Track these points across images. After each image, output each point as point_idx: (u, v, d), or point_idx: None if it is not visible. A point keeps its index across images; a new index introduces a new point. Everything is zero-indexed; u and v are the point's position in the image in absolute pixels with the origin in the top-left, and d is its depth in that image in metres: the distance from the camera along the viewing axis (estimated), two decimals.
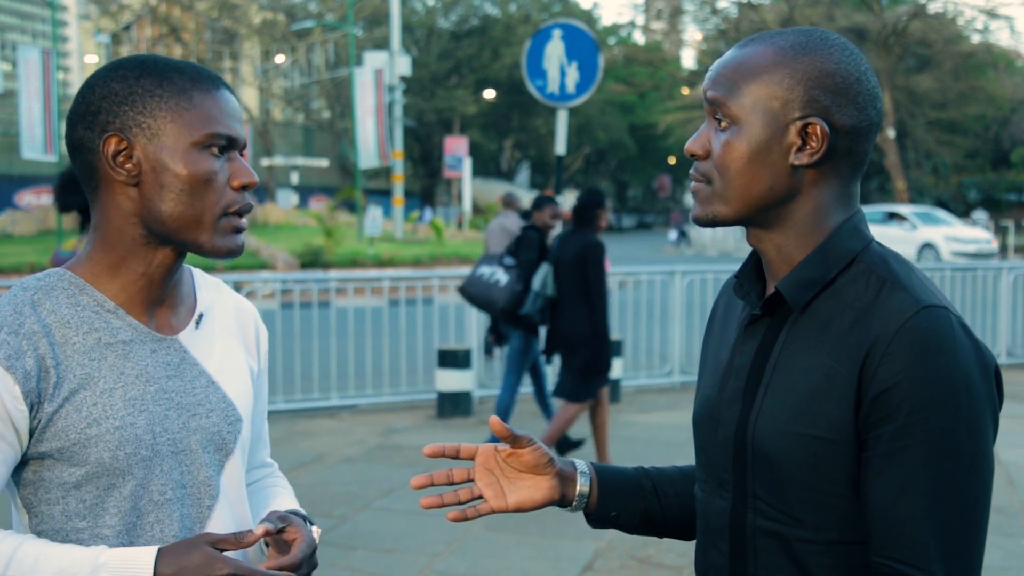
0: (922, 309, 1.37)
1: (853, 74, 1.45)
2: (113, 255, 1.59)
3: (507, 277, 7.32)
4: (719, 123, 1.49)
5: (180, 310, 1.67)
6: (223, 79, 1.63)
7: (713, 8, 42.84)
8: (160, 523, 1.58)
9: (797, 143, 1.44)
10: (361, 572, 5.16)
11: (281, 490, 1.86)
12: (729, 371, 1.55)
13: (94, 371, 1.55)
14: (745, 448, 1.49)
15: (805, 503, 1.43)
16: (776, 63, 1.45)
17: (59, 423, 1.52)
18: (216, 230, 1.58)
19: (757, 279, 1.56)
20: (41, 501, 1.55)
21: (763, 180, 1.46)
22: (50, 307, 1.55)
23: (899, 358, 1.35)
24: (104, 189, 1.58)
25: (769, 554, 1.48)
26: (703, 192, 1.51)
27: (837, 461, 1.40)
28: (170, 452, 1.59)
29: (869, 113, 1.46)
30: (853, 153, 1.47)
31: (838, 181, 1.48)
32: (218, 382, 1.67)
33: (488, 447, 1.66)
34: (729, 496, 1.52)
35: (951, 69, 38.63)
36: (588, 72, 8.82)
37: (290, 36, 47.94)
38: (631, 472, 1.74)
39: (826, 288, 1.46)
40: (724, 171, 1.47)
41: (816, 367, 1.42)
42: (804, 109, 1.44)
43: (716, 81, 1.49)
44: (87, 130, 1.56)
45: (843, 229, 1.47)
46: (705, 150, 1.50)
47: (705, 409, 1.59)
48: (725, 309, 1.66)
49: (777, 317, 1.50)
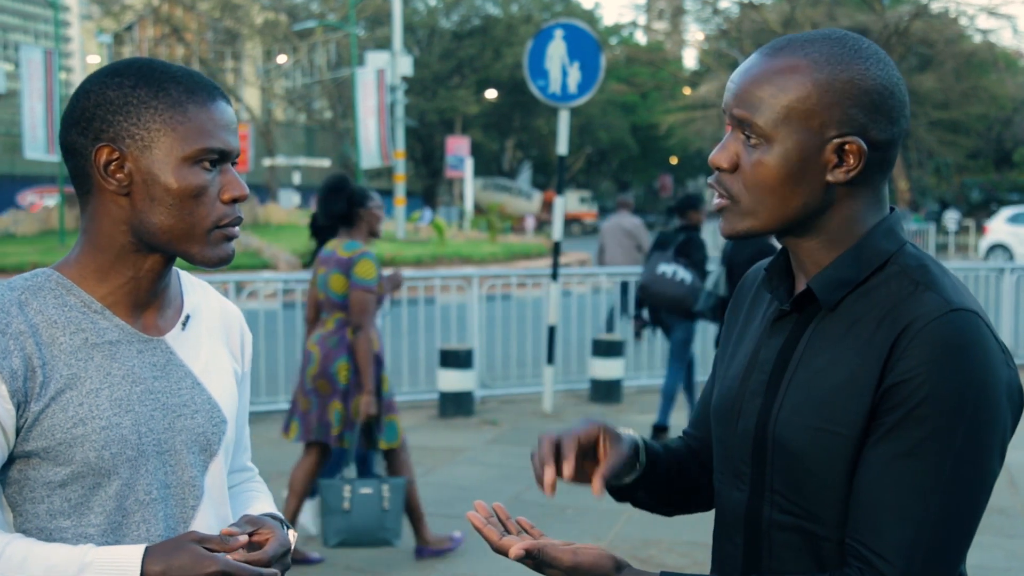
0: (951, 311, 1.36)
1: (888, 88, 1.42)
2: (102, 259, 1.60)
3: (690, 276, 7.58)
4: (748, 139, 1.45)
5: (167, 311, 1.68)
6: (220, 88, 1.63)
7: (715, 8, 42.81)
8: (145, 522, 1.59)
9: (833, 160, 1.42)
10: (363, 572, 5.16)
11: (260, 495, 1.87)
12: (753, 364, 1.54)
13: (80, 371, 1.56)
14: (765, 441, 1.48)
15: (821, 499, 1.43)
16: (811, 78, 1.41)
17: (45, 422, 1.52)
18: (207, 242, 1.59)
19: (786, 274, 1.55)
20: (26, 499, 1.56)
21: (797, 197, 1.43)
22: (37, 307, 1.56)
23: (918, 354, 1.34)
24: (95, 195, 1.58)
25: (783, 548, 1.48)
26: (732, 210, 1.48)
27: (851, 457, 1.40)
28: (155, 452, 1.60)
29: (901, 123, 1.44)
30: (885, 162, 1.46)
31: (871, 190, 1.46)
32: (203, 383, 1.68)
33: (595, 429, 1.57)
34: (746, 488, 1.52)
35: (953, 69, 38.59)
36: (590, 72, 8.82)
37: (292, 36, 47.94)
38: (664, 457, 1.71)
39: (857, 288, 1.45)
40: (755, 189, 1.44)
41: (841, 364, 1.42)
42: (841, 127, 1.40)
43: (743, 98, 1.44)
44: (80, 135, 1.56)
45: (878, 230, 1.46)
46: (732, 163, 1.46)
47: (726, 401, 1.58)
48: (752, 302, 1.65)
49: (806, 314, 1.49)
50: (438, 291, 10.17)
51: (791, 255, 1.53)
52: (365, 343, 5.03)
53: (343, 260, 5.09)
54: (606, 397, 9.40)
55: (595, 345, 9.54)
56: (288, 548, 1.63)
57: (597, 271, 11.53)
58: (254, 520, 1.62)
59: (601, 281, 11.98)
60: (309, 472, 5.27)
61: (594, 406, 9.28)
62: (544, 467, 1.50)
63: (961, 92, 39.87)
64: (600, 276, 11.46)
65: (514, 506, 6.23)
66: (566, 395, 9.73)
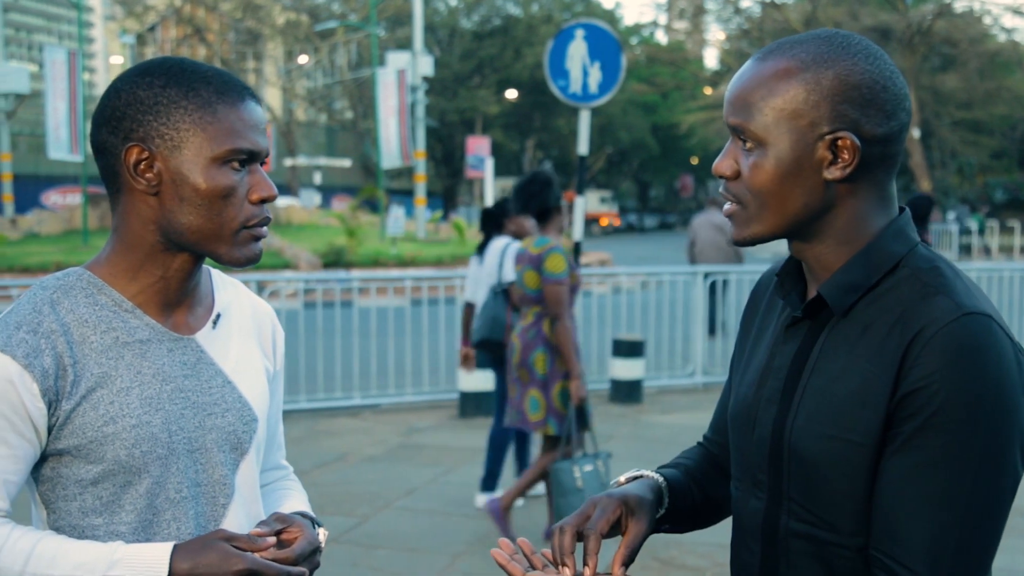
0: (963, 315, 1.34)
1: (879, 81, 1.41)
2: (132, 258, 1.61)
3: None
4: (744, 143, 1.45)
5: (197, 310, 1.68)
6: (250, 89, 1.63)
7: (736, 7, 42.70)
8: (176, 521, 1.60)
9: (828, 157, 1.41)
10: (383, 571, 5.17)
11: (293, 493, 1.87)
12: (768, 371, 1.53)
13: (111, 369, 1.56)
14: (781, 449, 1.47)
15: (837, 507, 1.42)
16: (797, 78, 1.41)
17: (76, 421, 1.53)
18: (235, 243, 1.59)
19: (798, 279, 1.54)
20: (59, 497, 1.58)
21: (797, 198, 1.43)
22: (68, 306, 1.57)
23: (932, 360, 1.32)
24: (125, 194, 1.59)
25: (800, 556, 1.47)
26: (739, 215, 1.48)
27: (866, 465, 1.38)
28: (186, 451, 1.61)
29: (899, 116, 1.42)
30: (886, 158, 1.44)
31: (874, 188, 1.45)
32: (234, 382, 1.68)
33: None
34: (764, 496, 1.51)
35: (977, 68, 38.32)
36: (611, 72, 8.80)
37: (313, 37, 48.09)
38: (687, 488, 1.71)
39: (869, 292, 1.43)
40: (756, 193, 1.44)
41: (854, 371, 1.40)
42: (832, 124, 1.40)
43: (735, 105, 1.45)
44: (111, 134, 1.57)
45: (887, 232, 1.45)
46: (733, 171, 1.47)
47: (742, 408, 1.57)
48: (767, 306, 1.64)
49: (818, 320, 1.48)
50: (458, 291, 10.17)
51: (802, 261, 1.52)
52: (564, 332, 5.33)
53: (534, 257, 5.37)
54: (626, 397, 9.38)
55: (615, 345, 9.52)
56: (318, 546, 1.63)
57: (618, 271, 11.51)
58: (283, 518, 1.63)
59: (621, 281, 11.96)
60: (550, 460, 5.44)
61: (615, 406, 9.26)
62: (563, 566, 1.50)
63: (985, 91, 39.60)
64: (620, 276, 11.44)
65: (534, 507, 6.23)
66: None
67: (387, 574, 5.14)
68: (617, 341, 9.54)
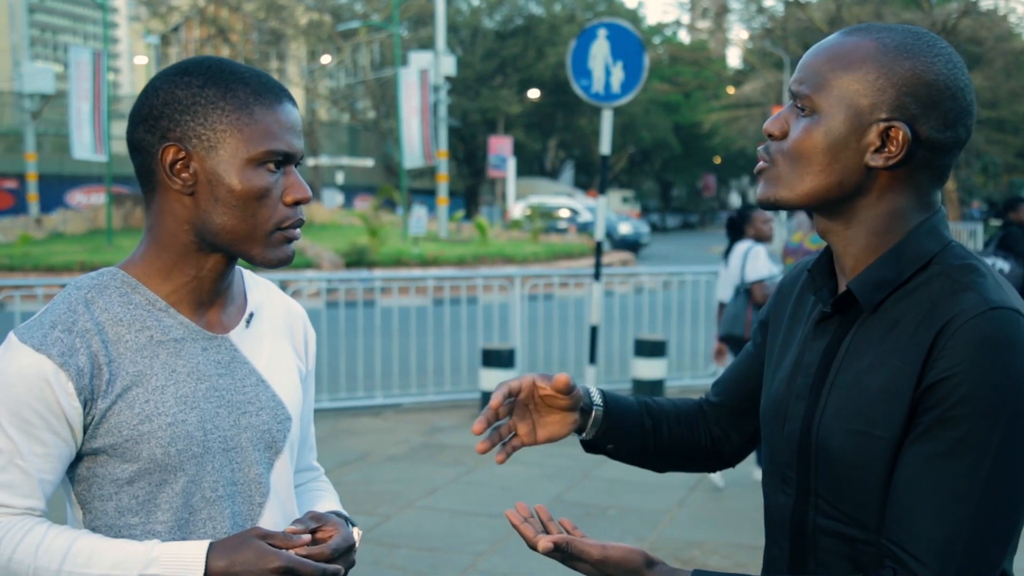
0: (990, 310, 1.33)
1: (951, 88, 1.40)
2: (166, 257, 1.61)
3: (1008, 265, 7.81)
4: (801, 109, 1.46)
5: (230, 309, 1.69)
6: (286, 91, 1.63)
7: (759, 7, 42.54)
8: (212, 520, 1.60)
9: (876, 144, 1.41)
10: (405, 571, 5.18)
11: (326, 494, 1.87)
12: (798, 367, 1.54)
13: (146, 368, 1.57)
14: (809, 445, 1.48)
15: (863, 504, 1.42)
16: (875, 60, 1.41)
17: (112, 420, 1.54)
18: (268, 244, 1.60)
19: (830, 275, 1.54)
20: (95, 497, 1.58)
21: (833, 174, 1.43)
22: (103, 305, 1.58)
23: (956, 353, 1.32)
24: (160, 193, 1.60)
25: (828, 553, 1.47)
26: (769, 173, 1.49)
27: (891, 460, 1.38)
28: (221, 449, 1.61)
29: (958, 130, 1.42)
30: (933, 166, 1.43)
31: (915, 189, 1.44)
32: (267, 380, 1.69)
33: (529, 382, 1.66)
34: (792, 493, 1.52)
35: (1002, 67, 38.06)
36: (633, 71, 8.79)
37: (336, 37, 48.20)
38: (636, 410, 1.76)
39: (899, 289, 1.43)
40: (795, 157, 1.45)
41: (882, 367, 1.40)
42: (891, 112, 1.40)
43: (804, 70, 1.46)
44: (148, 133, 1.57)
45: (920, 230, 1.44)
46: (783, 131, 1.48)
47: (772, 404, 1.58)
48: (796, 302, 1.64)
49: (848, 315, 1.48)
50: (480, 291, 10.19)
51: (833, 253, 1.52)
52: None
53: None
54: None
55: (637, 345, 9.50)
56: (352, 544, 1.63)
57: (640, 271, 11.49)
58: (318, 516, 1.63)
59: (643, 281, 11.94)
60: None
61: None
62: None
63: (1010, 90, 39.32)
64: (642, 276, 11.42)
65: (556, 506, 6.23)
66: None
67: (409, 573, 5.15)
68: (639, 341, 9.52)
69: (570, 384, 1.62)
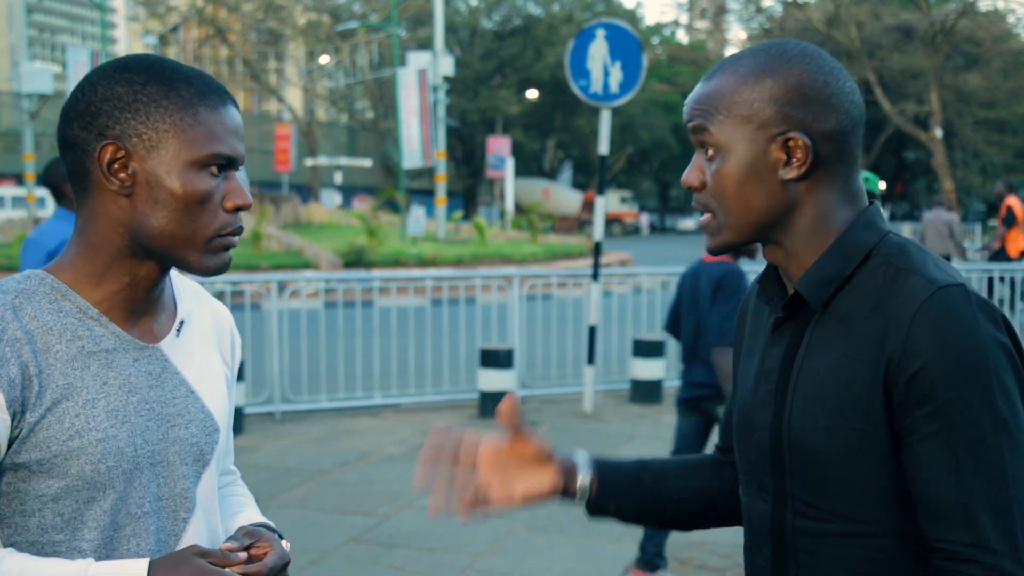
0: (937, 290, 1.38)
1: (819, 79, 1.47)
2: (98, 262, 1.53)
3: None
4: (706, 152, 1.52)
5: (162, 317, 1.62)
6: (230, 93, 1.58)
7: (758, 7, 42.57)
8: (136, 536, 1.53)
9: (783, 158, 1.47)
10: (403, 571, 5.18)
11: (244, 500, 1.83)
12: (760, 375, 1.57)
13: (77, 380, 1.49)
14: (781, 450, 1.50)
15: (843, 498, 1.44)
16: (744, 90, 1.47)
17: (40, 434, 1.46)
18: (206, 251, 1.53)
19: (779, 284, 1.58)
20: (16, 512, 1.49)
21: (758, 200, 1.48)
22: (32, 312, 1.49)
23: (922, 340, 1.36)
24: (94, 194, 1.51)
25: (809, 555, 1.49)
26: (711, 225, 1.54)
27: (871, 450, 1.41)
28: (149, 464, 1.54)
29: (848, 110, 1.48)
30: (843, 153, 1.49)
31: (835, 183, 1.50)
32: (197, 391, 1.62)
33: (489, 445, 1.68)
34: (769, 499, 1.54)
35: (1000, 67, 38.12)
36: (631, 72, 8.79)
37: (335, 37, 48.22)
38: (631, 467, 1.77)
39: (845, 284, 1.47)
40: (720, 199, 1.50)
41: (841, 361, 1.44)
42: (780, 125, 1.46)
43: (693, 112, 1.52)
44: (83, 130, 1.49)
45: (856, 224, 1.49)
46: (700, 181, 1.53)
47: (742, 414, 1.61)
48: (754, 313, 1.68)
49: (801, 318, 1.52)
50: (479, 291, 10.19)
51: (776, 265, 1.56)
52: None
53: None
54: (647, 398, 9.37)
55: (636, 345, 9.51)
56: (287, 561, 1.60)
57: (638, 271, 11.48)
58: (252, 532, 1.59)
59: (642, 281, 11.94)
60: None
61: (635, 406, 9.25)
62: None
63: (1008, 91, 39.38)
64: (641, 276, 11.43)
65: (553, 505, 6.22)
66: (606, 395, 9.71)
67: (407, 573, 5.15)
68: (637, 341, 9.53)
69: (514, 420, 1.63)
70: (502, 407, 1.62)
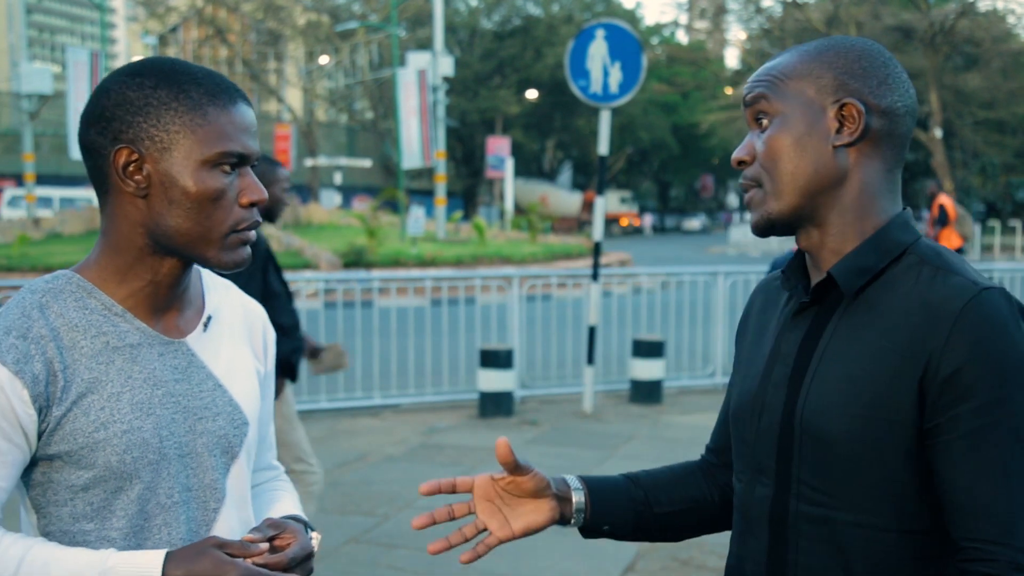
0: (981, 291, 1.40)
1: (879, 58, 1.53)
2: (121, 261, 1.59)
3: None
4: (760, 124, 1.55)
5: (188, 312, 1.67)
6: (241, 91, 1.61)
7: (757, 7, 42.55)
8: (167, 526, 1.58)
9: (836, 125, 1.50)
10: (403, 571, 5.18)
11: (284, 494, 1.86)
12: (775, 358, 1.57)
13: (102, 375, 1.55)
14: (792, 433, 1.50)
15: (855, 485, 1.45)
16: (806, 61, 1.53)
17: (67, 427, 1.52)
18: (223, 246, 1.57)
19: (803, 274, 1.59)
20: (49, 502, 1.56)
21: (808, 165, 1.50)
22: (58, 310, 1.55)
23: (965, 339, 1.38)
24: (113, 196, 1.57)
25: (810, 540, 1.49)
26: (756, 196, 1.55)
27: (894, 442, 1.42)
28: (177, 455, 1.59)
29: (903, 95, 1.52)
30: (893, 135, 1.52)
31: (881, 163, 1.52)
32: (225, 385, 1.67)
33: (484, 479, 1.69)
34: (770, 483, 1.54)
35: (1000, 68, 38.08)
36: (631, 72, 8.79)
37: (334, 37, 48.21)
38: (621, 483, 1.77)
39: (878, 277, 1.49)
40: (771, 166, 1.52)
41: (873, 351, 1.44)
42: (837, 92, 1.51)
43: (755, 84, 1.57)
44: (99, 135, 1.54)
45: (895, 222, 1.52)
46: (751, 155, 1.55)
47: (747, 398, 1.60)
48: (761, 307, 1.70)
49: (826, 305, 1.53)
50: (478, 291, 10.19)
51: (808, 255, 1.57)
52: None
53: None
54: (646, 398, 9.37)
55: (635, 345, 9.51)
56: (311, 552, 1.62)
57: (638, 271, 11.49)
58: (276, 523, 1.61)
59: (642, 281, 11.95)
60: None
61: (634, 406, 9.25)
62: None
63: (1008, 91, 39.35)
64: (641, 276, 11.44)
65: None
66: (606, 396, 9.71)
67: (407, 573, 5.15)
68: (637, 341, 9.53)
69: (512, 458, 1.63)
70: (499, 453, 1.62)
